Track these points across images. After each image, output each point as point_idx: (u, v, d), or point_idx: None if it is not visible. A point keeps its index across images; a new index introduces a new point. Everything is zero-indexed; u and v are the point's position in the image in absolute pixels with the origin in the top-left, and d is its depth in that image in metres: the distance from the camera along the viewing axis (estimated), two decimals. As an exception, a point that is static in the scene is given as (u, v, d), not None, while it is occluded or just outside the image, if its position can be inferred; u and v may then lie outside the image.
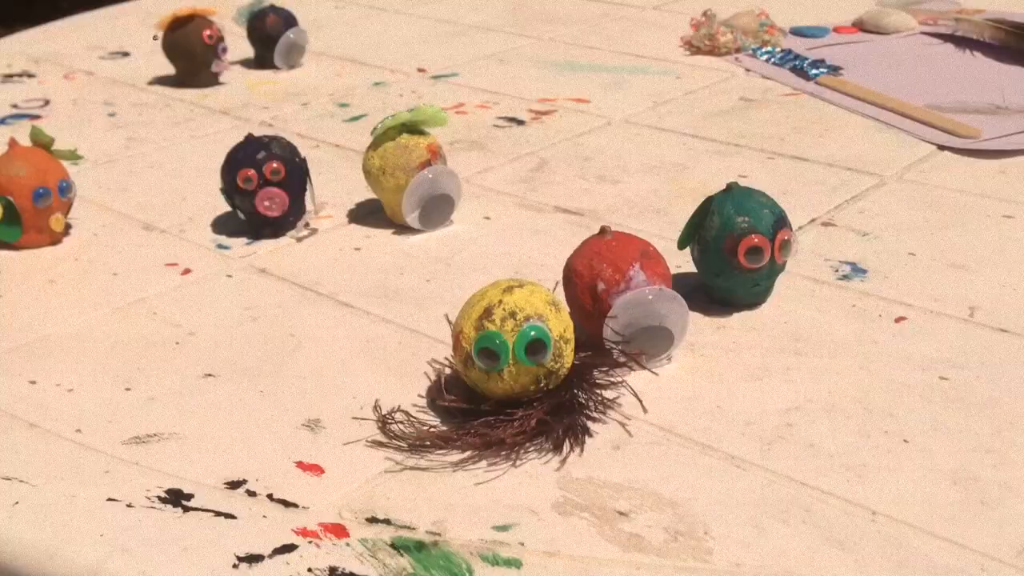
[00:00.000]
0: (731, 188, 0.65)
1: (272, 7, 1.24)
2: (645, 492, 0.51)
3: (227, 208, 0.86)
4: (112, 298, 0.73)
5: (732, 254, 0.64)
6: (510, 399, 0.55)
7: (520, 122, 1.05)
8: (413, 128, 0.81)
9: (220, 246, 0.80)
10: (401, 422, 0.56)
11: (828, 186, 0.87)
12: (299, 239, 0.81)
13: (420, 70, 1.22)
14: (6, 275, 0.75)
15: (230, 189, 0.80)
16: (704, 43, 1.25)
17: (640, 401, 0.57)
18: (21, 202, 0.77)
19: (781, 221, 0.65)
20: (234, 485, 0.53)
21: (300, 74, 1.22)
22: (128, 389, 0.62)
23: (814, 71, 1.13)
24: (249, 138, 0.81)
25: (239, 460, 0.55)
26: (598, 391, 0.57)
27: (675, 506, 0.50)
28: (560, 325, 0.55)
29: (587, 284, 0.60)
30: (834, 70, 1.14)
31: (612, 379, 0.57)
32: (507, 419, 0.54)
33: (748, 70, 1.18)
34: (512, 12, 1.47)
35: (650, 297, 0.59)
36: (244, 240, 0.81)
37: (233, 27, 1.28)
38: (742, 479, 0.52)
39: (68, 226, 0.82)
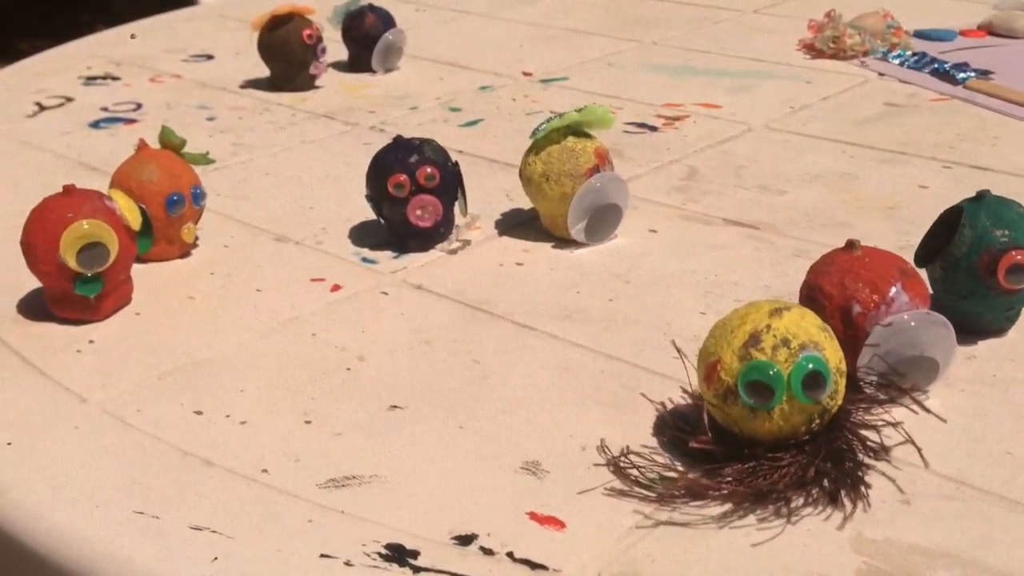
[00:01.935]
0: (983, 196, 0.58)
1: (370, 6, 1.17)
2: (965, 559, 0.43)
3: (361, 218, 0.79)
4: (262, 317, 0.66)
5: (988, 272, 0.56)
6: (776, 441, 0.47)
7: (652, 128, 0.98)
8: (578, 130, 0.74)
9: (365, 259, 0.73)
10: (641, 467, 0.49)
11: (1026, 198, 0.79)
12: (451, 252, 0.74)
13: (525, 74, 1.15)
14: (138, 290, 0.68)
15: (378, 196, 0.73)
16: (828, 46, 1.18)
17: (919, 449, 0.49)
18: (153, 210, 0.69)
19: (1042, 235, 0.57)
20: (464, 540, 0.46)
21: (398, 77, 1.15)
22: (308, 422, 0.55)
23: (961, 75, 1.06)
24: (398, 140, 0.74)
25: (461, 509, 0.48)
26: (867, 433, 0.49)
27: (1007, 576, 0.43)
28: (836, 355, 0.47)
29: (838, 306, 0.53)
30: (983, 74, 1.06)
31: (885, 419, 0.49)
32: (775, 465, 0.46)
33: (881, 74, 1.11)
34: (605, 15, 1.40)
35: (912, 323, 0.52)
36: (390, 253, 0.74)
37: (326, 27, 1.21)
38: (1076, 542, 0.45)
39: (196, 237, 0.75)
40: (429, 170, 0.72)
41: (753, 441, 0.47)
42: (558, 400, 0.56)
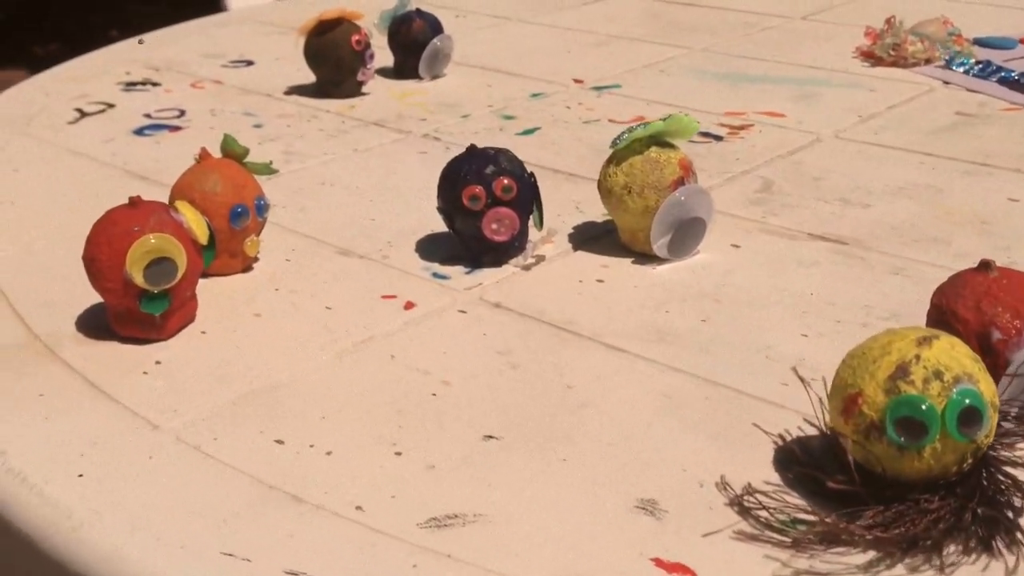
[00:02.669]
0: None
1: (418, 11, 1.14)
2: None
3: (427, 230, 0.76)
4: (335, 337, 0.62)
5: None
6: (924, 482, 0.43)
7: (718, 137, 0.94)
8: (660, 140, 0.70)
9: (436, 275, 0.69)
10: (770, 508, 0.45)
11: None
12: (526, 268, 0.70)
13: (576, 81, 1.11)
14: (202, 307, 0.64)
15: (450, 208, 0.69)
16: (888, 53, 1.14)
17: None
18: (217, 222, 0.66)
19: None
20: (587, 588, 0.42)
21: (446, 84, 1.12)
22: (398, 453, 0.51)
23: (1033, 84, 1.02)
24: (472, 150, 0.70)
25: (578, 554, 0.44)
26: (1016, 472, 0.45)
27: None
28: (990, 388, 0.44)
29: (975, 332, 0.49)
30: (1056, 83, 1.02)
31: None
32: (924, 509, 0.42)
33: (946, 82, 1.07)
34: (647, 21, 1.36)
35: (1054, 350, 0.48)
36: (461, 268, 0.70)
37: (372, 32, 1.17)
38: None
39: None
40: (506, 181, 0.68)
41: (897, 482, 0.43)
42: (664, 431, 0.52)
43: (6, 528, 0.47)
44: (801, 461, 0.47)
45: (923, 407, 0.42)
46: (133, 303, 0.58)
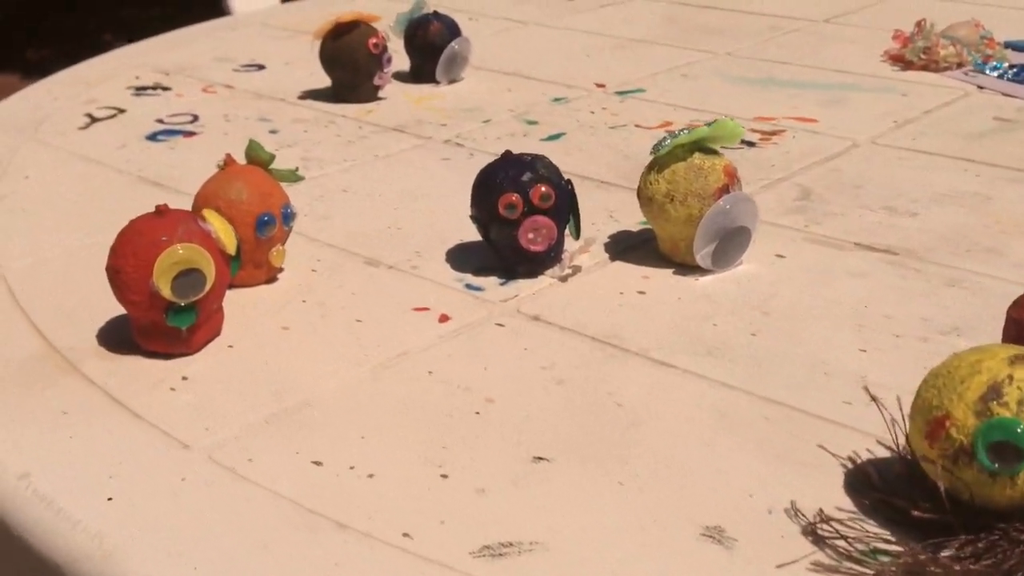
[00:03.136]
0: None
1: (435, 14, 1.11)
2: None
3: (456, 239, 0.73)
4: (368, 351, 0.59)
5: None
6: (1015, 510, 0.40)
7: (750, 143, 0.91)
8: (703, 147, 0.67)
9: (469, 286, 0.67)
10: (849, 537, 0.42)
11: None
12: (563, 279, 0.67)
13: (598, 85, 1.09)
14: (228, 320, 0.61)
15: (485, 217, 0.67)
16: (919, 56, 1.11)
17: None
18: (242, 231, 0.63)
19: None
20: (659, 625, 0.39)
21: (464, 88, 1.09)
22: (444, 476, 0.48)
23: (1071, 89, 0.99)
24: (507, 156, 0.67)
25: (645, 585, 0.41)
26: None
27: None
28: (1086, 410, 0.41)
29: (1059, 349, 0.46)
30: (1095, 88, 1.00)
31: None
32: (1017, 539, 0.39)
33: (981, 87, 1.04)
34: (667, 25, 1.34)
35: None
36: (495, 279, 0.67)
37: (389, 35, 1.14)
38: None
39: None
40: (544, 189, 0.65)
41: (985, 510, 0.41)
42: (723, 452, 0.49)
43: (34, 556, 0.44)
44: (877, 486, 0.44)
45: (1019, 430, 0.39)
46: (159, 316, 0.55)
